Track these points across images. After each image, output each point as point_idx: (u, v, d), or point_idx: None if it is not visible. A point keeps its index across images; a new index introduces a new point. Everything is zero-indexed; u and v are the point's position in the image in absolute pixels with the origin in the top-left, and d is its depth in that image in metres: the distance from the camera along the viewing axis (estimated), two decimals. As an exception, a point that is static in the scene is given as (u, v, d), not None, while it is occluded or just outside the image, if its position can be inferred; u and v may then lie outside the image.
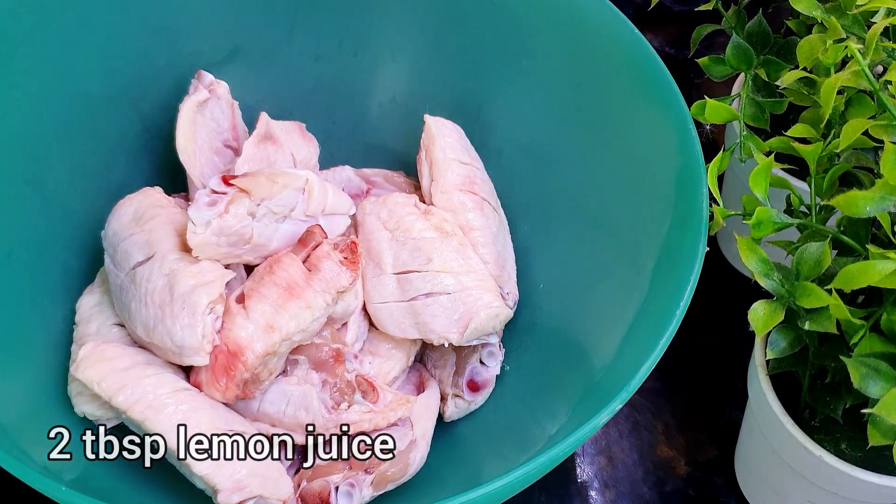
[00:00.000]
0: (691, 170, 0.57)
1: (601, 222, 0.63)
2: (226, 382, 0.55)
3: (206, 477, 0.52)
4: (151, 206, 0.61)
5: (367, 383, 0.58)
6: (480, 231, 0.64)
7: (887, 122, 0.50)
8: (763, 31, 0.64)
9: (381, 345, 0.62)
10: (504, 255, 0.65)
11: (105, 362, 0.55)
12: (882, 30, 0.51)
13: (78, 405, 0.56)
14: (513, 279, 0.65)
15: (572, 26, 0.65)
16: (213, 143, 0.66)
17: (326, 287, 0.57)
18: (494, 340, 0.62)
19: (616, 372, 0.54)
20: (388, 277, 0.62)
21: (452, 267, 0.61)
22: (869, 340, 0.49)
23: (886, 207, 0.47)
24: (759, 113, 0.61)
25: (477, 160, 0.68)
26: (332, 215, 0.62)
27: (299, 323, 0.56)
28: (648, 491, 0.67)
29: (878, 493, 0.55)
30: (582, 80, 0.65)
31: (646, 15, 0.75)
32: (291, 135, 0.68)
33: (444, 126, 0.67)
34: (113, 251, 0.60)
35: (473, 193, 0.65)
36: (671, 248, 0.57)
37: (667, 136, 0.59)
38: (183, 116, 0.64)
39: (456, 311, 0.60)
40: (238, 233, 0.57)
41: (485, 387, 0.62)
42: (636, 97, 0.62)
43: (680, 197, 0.58)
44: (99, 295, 0.62)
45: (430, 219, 0.63)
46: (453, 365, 0.63)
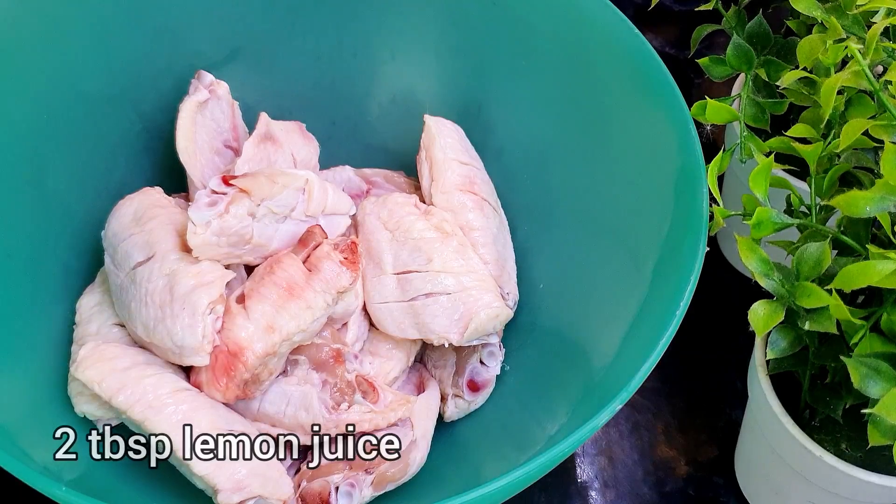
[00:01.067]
0: (691, 170, 0.57)
1: (601, 222, 0.63)
2: (226, 383, 0.55)
3: (206, 477, 0.52)
4: (152, 206, 0.61)
5: (368, 383, 0.58)
6: (480, 231, 0.64)
7: (887, 122, 0.50)
8: (763, 32, 0.63)
9: (382, 345, 0.62)
10: (504, 256, 0.65)
11: (105, 362, 0.55)
12: (882, 30, 0.51)
13: (78, 405, 0.56)
14: (513, 279, 0.65)
15: (572, 26, 0.65)
16: (214, 143, 0.66)
17: (327, 287, 0.57)
18: (495, 340, 0.62)
19: (616, 372, 0.54)
20: (388, 277, 0.62)
21: (452, 267, 0.61)
22: (869, 340, 0.49)
23: (886, 207, 0.47)
24: (759, 113, 0.61)
25: (477, 160, 0.68)
26: (333, 215, 0.62)
27: (300, 323, 0.56)
28: (648, 491, 0.67)
29: (879, 493, 0.55)
30: (582, 80, 0.65)
31: (646, 15, 0.75)
32: (291, 135, 0.68)
33: (444, 126, 0.67)
34: (113, 251, 0.60)
35: (473, 193, 0.65)
36: (671, 248, 0.57)
37: (667, 137, 0.59)
38: (183, 116, 0.64)
39: (456, 312, 0.60)
40: (238, 233, 0.57)
41: (485, 387, 0.62)
42: (636, 97, 0.62)
43: (680, 197, 0.58)
44: (99, 295, 0.62)
45: (430, 219, 0.63)
46: (453, 365, 0.63)
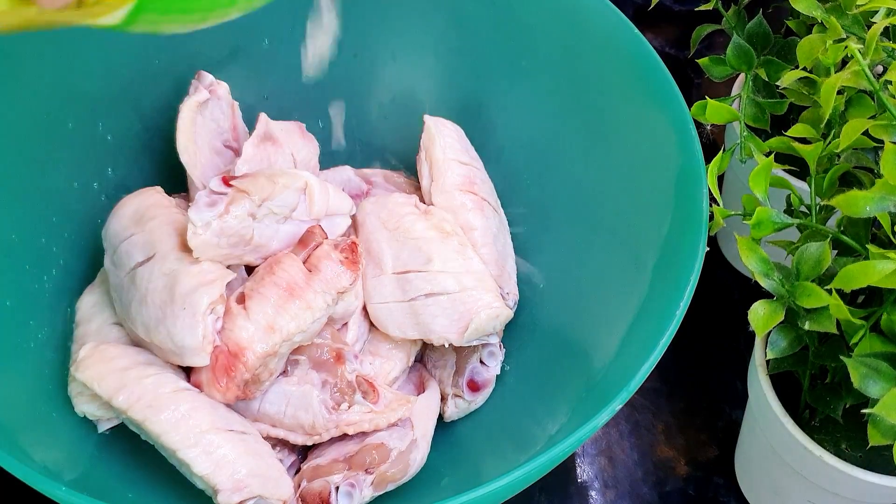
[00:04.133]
0: (691, 170, 0.57)
1: (601, 222, 0.63)
2: (226, 383, 0.55)
3: (206, 477, 0.52)
4: (152, 206, 0.61)
5: (368, 383, 0.58)
6: (480, 231, 0.64)
7: (887, 122, 0.50)
8: (763, 32, 0.64)
9: (382, 345, 0.62)
10: (504, 255, 0.65)
11: (105, 362, 0.55)
12: (882, 30, 0.51)
13: (78, 405, 0.56)
14: (513, 279, 0.65)
15: (572, 26, 0.65)
16: (214, 143, 0.66)
17: (327, 287, 0.57)
18: (495, 340, 0.62)
19: (616, 372, 0.54)
20: (388, 278, 0.62)
21: (452, 267, 0.61)
22: (869, 340, 0.49)
23: (886, 207, 0.47)
24: (759, 113, 0.61)
25: (477, 160, 0.68)
26: (333, 216, 0.62)
27: (300, 324, 0.55)
28: (648, 491, 0.67)
29: (879, 493, 0.55)
30: (582, 80, 0.65)
31: (646, 15, 0.75)
32: (291, 135, 0.67)
33: (444, 126, 0.67)
34: (113, 251, 0.60)
35: (473, 194, 0.65)
36: (671, 248, 0.57)
37: (667, 137, 0.59)
38: (183, 117, 0.64)
39: (456, 312, 0.60)
40: (239, 233, 0.57)
41: (485, 387, 0.62)
42: (636, 97, 0.62)
43: (680, 197, 0.58)
44: (99, 295, 0.62)
45: (430, 219, 0.63)
46: (453, 365, 0.63)
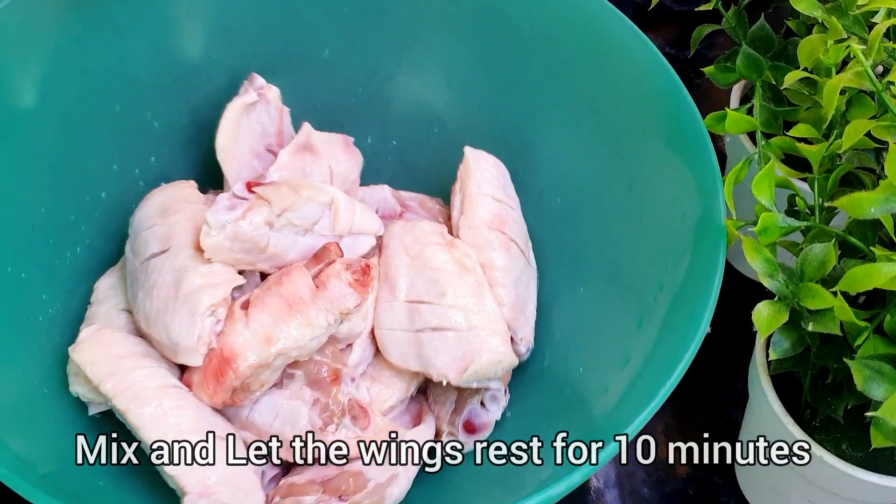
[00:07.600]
0: (711, 224, 0.56)
1: (623, 274, 0.61)
2: (214, 387, 0.55)
3: (176, 477, 0.52)
4: (180, 199, 0.61)
5: (360, 409, 0.57)
6: (502, 271, 0.63)
7: (890, 122, 0.50)
8: (766, 36, 0.63)
9: (384, 372, 0.61)
10: (524, 299, 0.64)
11: (102, 347, 0.55)
12: (884, 30, 0.51)
13: (73, 385, 0.57)
14: (530, 325, 0.63)
15: (619, 75, 0.63)
16: (255, 146, 0.66)
17: (330, 306, 0.56)
18: (496, 385, 0.60)
19: (613, 423, 0.53)
20: (400, 304, 0.61)
21: (465, 304, 0.60)
22: (872, 342, 0.49)
23: (891, 209, 0.47)
24: (772, 119, 0.61)
25: (513, 199, 0.67)
26: (358, 234, 0.62)
27: (297, 339, 0.55)
28: (648, 491, 0.67)
29: (879, 494, 0.55)
30: (622, 129, 0.63)
31: (646, 15, 0.74)
32: (334, 147, 0.67)
33: (484, 161, 0.66)
34: (134, 238, 0.61)
35: (501, 232, 0.64)
36: (681, 301, 0.55)
37: (692, 196, 0.57)
38: (227, 116, 0.65)
39: (460, 350, 0.58)
40: (252, 240, 0.57)
41: (482, 430, 0.61)
42: (670, 150, 0.60)
43: (698, 247, 0.56)
44: (117, 279, 0.62)
45: (452, 252, 0.62)
46: (453, 403, 0.61)
